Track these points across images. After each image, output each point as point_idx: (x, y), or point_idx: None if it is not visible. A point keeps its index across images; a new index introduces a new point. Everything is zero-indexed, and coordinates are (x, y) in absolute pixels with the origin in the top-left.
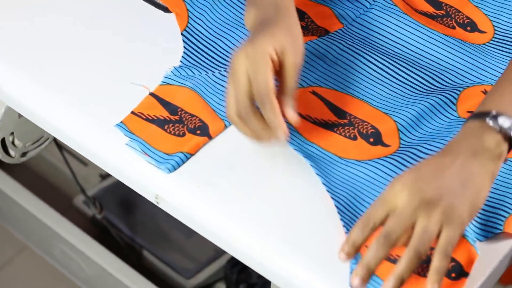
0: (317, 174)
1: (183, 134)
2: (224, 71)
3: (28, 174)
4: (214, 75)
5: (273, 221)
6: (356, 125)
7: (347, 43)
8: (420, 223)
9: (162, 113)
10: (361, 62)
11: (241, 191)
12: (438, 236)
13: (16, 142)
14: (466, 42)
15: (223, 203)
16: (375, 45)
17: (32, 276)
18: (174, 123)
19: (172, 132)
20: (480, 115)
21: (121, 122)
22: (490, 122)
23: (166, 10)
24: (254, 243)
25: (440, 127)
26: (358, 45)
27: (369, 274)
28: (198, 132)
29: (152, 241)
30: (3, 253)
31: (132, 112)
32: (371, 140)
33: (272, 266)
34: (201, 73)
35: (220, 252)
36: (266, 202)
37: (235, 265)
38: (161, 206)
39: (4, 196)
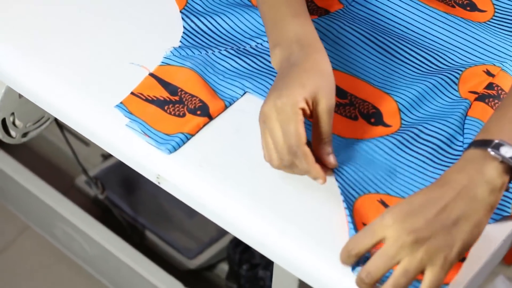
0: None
1: (183, 115)
2: (224, 50)
3: (29, 155)
4: (214, 54)
5: (275, 201)
6: (357, 105)
7: (347, 22)
8: (402, 263)
9: (162, 93)
10: (362, 41)
11: (242, 170)
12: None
13: (17, 122)
14: (467, 20)
15: (225, 183)
16: (376, 25)
17: (34, 257)
18: (174, 104)
19: (172, 113)
20: (481, 144)
21: (121, 102)
22: (492, 152)
23: None
24: (255, 223)
25: (441, 107)
26: (359, 25)
27: None
28: (198, 112)
29: (154, 221)
30: (5, 234)
31: (132, 93)
32: (372, 120)
33: (273, 245)
34: (201, 52)
35: (222, 232)
36: (268, 181)
37: (237, 245)
38: (162, 186)
39: (5, 176)
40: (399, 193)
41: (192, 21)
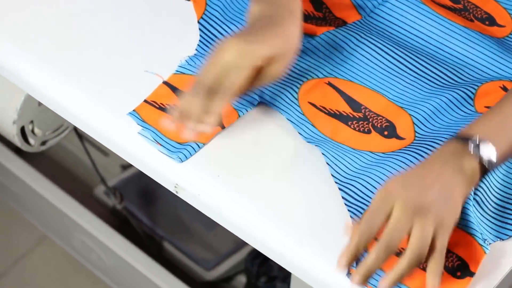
0: (327, 163)
1: None
2: None
3: (49, 164)
4: None
5: (293, 212)
6: (370, 119)
7: (365, 34)
8: (416, 230)
9: (175, 102)
10: (379, 54)
11: (261, 181)
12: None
13: (36, 130)
14: (485, 35)
15: (243, 193)
16: (393, 37)
17: (52, 267)
18: None
19: None
20: (464, 138)
21: (134, 110)
22: (472, 149)
23: None
24: (273, 234)
25: (456, 120)
26: (376, 37)
27: (369, 275)
28: None
29: (172, 232)
30: (23, 243)
31: (145, 101)
32: (385, 133)
33: (291, 256)
34: None
35: (241, 244)
36: (286, 193)
37: (256, 257)
38: (180, 195)
39: (24, 185)
40: None
41: (209, 30)
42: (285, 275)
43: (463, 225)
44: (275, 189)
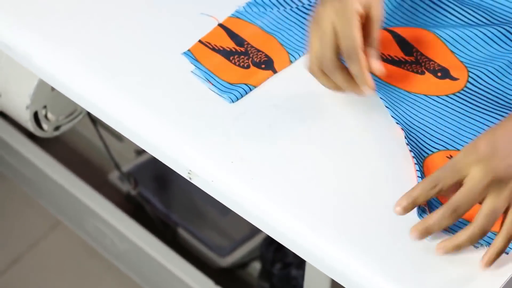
0: (387, 107)
1: (248, 66)
2: (296, 7)
3: (63, 149)
4: (285, 11)
5: (306, 198)
6: (422, 63)
7: None
8: (489, 201)
9: (229, 44)
10: (426, 4)
11: (275, 167)
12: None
13: (49, 115)
14: None
15: (257, 179)
16: None
17: (66, 252)
18: (239, 55)
19: (237, 63)
20: None
21: (188, 50)
22: None
23: None
24: (287, 220)
25: (503, 52)
26: None
27: (427, 235)
28: (263, 66)
29: (187, 218)
30: (36, 229)
31: (200, 41)
32: (439, 74)
33: (305, 243)
34: (272, 9)
35: (255, 231)
36: (300, 178)
37: (271, 244)
38: (193, 181)
39: (38, 171)
40: None
41: None
42: (300, 262)
43: None
44: (289, 175)
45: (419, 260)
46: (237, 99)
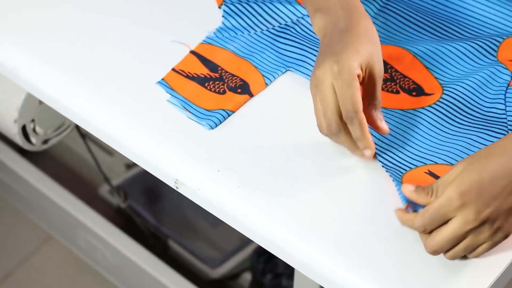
0: None
1: (224, 92)
2: (267, 30)
3: (53, 164)
4: (256, 34)
5: (293, 206)
6: (397, 80)
7: (383, 2)
8: (468, 240)
9: (203, 70)
10: (398, 20)
11: (261, 175)
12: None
13: (37, 129)
14: None
15: (243, 188)
16: (411, 3)
17: (57, 266)
18: (214, 81)
19: (213, 89)
20: None
21: (162, 79)
22: None
23: None
24: (273, 228)
25: (477, 68)
26: (394, 3)
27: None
28: (239, 90)
29: (177, 231)
30: (27, 244)
31: (173, 69)
32: (414, 93)
33: (292, 250)
34: (243, 33)
35: (246, 242)
36: (287, 186)
37: (261, 254)
38: (180, 190)
39: (28, 185)
40: (446, 160)
41: (233, 4)
42: (291, 272)
43: None
44: (275, 183)
45: (407, 267)
46: (216, 125)
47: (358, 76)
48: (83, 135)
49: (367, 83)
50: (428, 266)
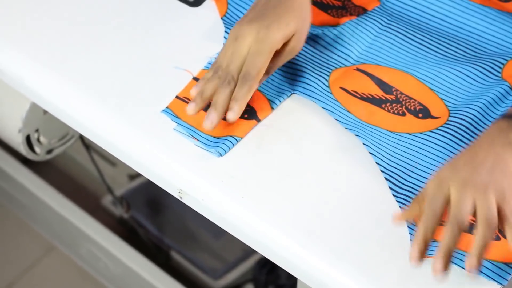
0: (370, 153)
1: None
2: None
3: (56, 174)
4: None
5: (297, 216)
6: (403, 102)
7: (386, 20)
8: (480, 204)
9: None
10: (401, 39)
11: (265, 185)
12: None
13: (42, 139)
14: (502, 11)
15: (247, 197)
16: (413, 21)
17: (60, 276)
18: None
19: None
20: (509, 116)
21: (167, 107)
22: None
23: (192, 4)
24: (277, 237)
25: (483, 89)
26: (397, 22)
27: (450, 258)
28: (246, 116)
29: (180, 242)
30: (30, 253)
31: (177, 97)
32: (420, 115)
33: (296, 260)
34: None
35: (249, 253)
36: (290, 196)
37: (264, 266)
38: (184, 200)
39: (31, 196)
40: None
41: (232, 26)
42: (293, 283)
43: None
44: (279, 193)
45: (412, 276)
46: (225, 152)
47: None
48: (87, 145)
49: (278, 52)
50: (431, 274)
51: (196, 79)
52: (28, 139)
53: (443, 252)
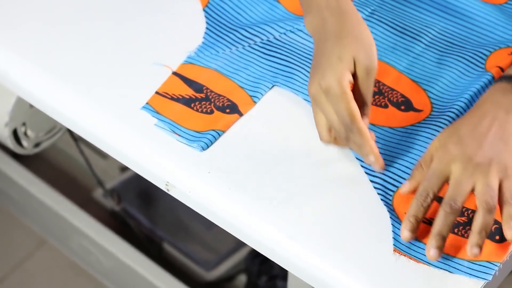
0: (350, 148)
1: (211, 111)
2: (248, 46)
3: (47, 167)
4: (238, 51)
5: (284, 207)
6: (385, 94)
7: (369, 10)
8: (480, 186)
9: (187, 91)
10: (384, 28)
11: (252, 176)
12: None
13: (29, 132)
14: (488, 3)
15: (234, 189)
16: (396, 11)
17: (52, 270)
18: (200, 101)
19: (199, 110)
20: (508, 78)
21: (147, 103)
22: None
23: None
24: (265, 229)
25: (467, 82)
26: (380, 12)
27: (444, 242)
28: (228, 110)
29: (172, 233)
30: (21, 248)
31: (157, 92)
32: (402, 107)
33: (284, 252)
34: (225, 50)
35: (241, 244)
36: (278, 187)
37: (256, 256)
38: (171, 193)
39: (22, 190)
40: None
41: (214, 17)
42: (286, 274)
43: None
44: (266, 184)
45: (402, 268)
46: (208, 146)
47: (351, 83)
48: (76, 138)
49: (355, 81)
50: (422, 266)
51: (175, 73)
52: (15, 133)
53: (436, 237)
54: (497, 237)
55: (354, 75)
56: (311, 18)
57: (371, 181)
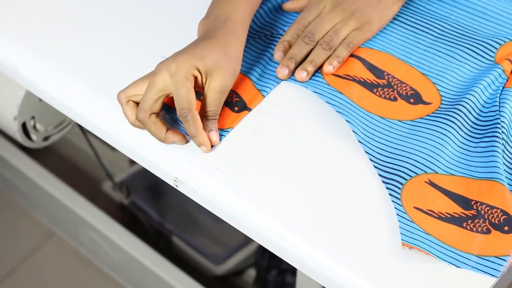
0: (359, 141)
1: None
2: (258, 38)
3: (56, 160)
4: (248, 43)
5: (293, 204)
6: (395, 86)
7: None
8: (336, 26)
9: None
10: (392, 21)
11: (260, 173)
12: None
13: (38, 126)
14: None
15: (243, 186)
16: (406, 3)
17: (60, 263)
18: None
19: None
20: None
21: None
22: None
23: None
24: (273, 226)
25: (476, 74)
26: None
27: (294, 66)
28: (236, 109)
29: (181, 227)
30: (30, 240)
31: None
32: (412, 100)
33: (292, 249)
34: None
35: (250, 238)
36: (286, 184)
37: (265, 251)
38: (180, 189)
39: (31, 182)
40: (446, 170)
41: None
42: (295, 268)
43: (499, 179)
44: (275, 181)
45: (409, 268)
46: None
47: (196, 77)
48: (85, 131)
49: (206, 92)
50: (430, 265)
51: None
52: (24, 127)
53: (289, 57)
54: (506, 228)
55: (204, 88)
56: (203, 23)
57: (380, 175)
